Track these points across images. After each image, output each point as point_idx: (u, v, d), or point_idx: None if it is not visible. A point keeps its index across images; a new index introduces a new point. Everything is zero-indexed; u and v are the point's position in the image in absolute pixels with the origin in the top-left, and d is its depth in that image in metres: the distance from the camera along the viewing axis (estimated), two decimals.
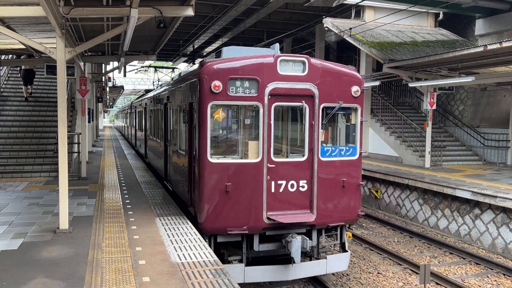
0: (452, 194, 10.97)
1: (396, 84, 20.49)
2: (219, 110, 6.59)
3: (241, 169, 6.65)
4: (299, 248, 6.62)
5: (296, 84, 6.82)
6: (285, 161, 6.87)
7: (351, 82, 7.16)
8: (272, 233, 6.89)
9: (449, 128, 18.03)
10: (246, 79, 6.60)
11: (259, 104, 6.65)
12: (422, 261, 9.16)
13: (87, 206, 8.34)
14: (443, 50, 15.43)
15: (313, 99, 6.92)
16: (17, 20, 7.49)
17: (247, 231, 6.66)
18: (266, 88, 6.67)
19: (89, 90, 12.40)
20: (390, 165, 15.23)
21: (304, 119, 6.94)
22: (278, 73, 6.71)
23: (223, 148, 6.88)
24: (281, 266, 6.90)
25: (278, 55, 6.73)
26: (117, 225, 6.97)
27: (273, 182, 6.76)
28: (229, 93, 6.52)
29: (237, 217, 6.63)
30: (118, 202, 8.64)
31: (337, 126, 7.36)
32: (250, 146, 6.80)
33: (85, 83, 12.04)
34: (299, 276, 7.04)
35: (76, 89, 12.16)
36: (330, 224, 7.17)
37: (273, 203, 6.76)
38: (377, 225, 12.12)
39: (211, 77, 6.47)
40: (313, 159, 6.95)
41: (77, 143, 12.45)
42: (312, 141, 6.96)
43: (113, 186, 10.50)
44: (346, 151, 7.27)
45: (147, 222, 7.14)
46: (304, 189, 6.92)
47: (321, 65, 6.99)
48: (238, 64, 6.61)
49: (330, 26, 16.57)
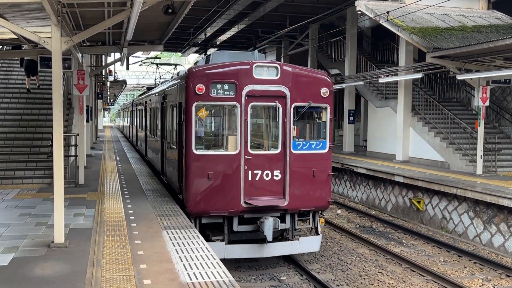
0: (509, 206, 10.85)
1: (441, 76, 20.24)
2: (202, 109, 8.92)
3: (221, 160, 8.99)
4: (270, 228, 8.93)
5: (270, 86, 9.15)
6: (261, 153, 9.25)
7: (320, 84, 9.51)
8: (249, 216, 9.16)
9: (505, 128, 17.82)
10: (225, 82, 8.94)
11: (237, 103, 9.00)
12: (473, 284, 9.12)
13: (85, 217, 8.48)
14: (498, 36, 15.16)
15: (285, 99, 9.23)
16: (8, 6, 7.59)
17: (227, 213, 9.00)
18: (243, 90, 9.01)
19: (88, 85, 12.56)
20: (435, 171, 15.15)
21: (277, 117, 9.26)
22: (253, 77, 9.05)
23: (206, 141, 9.26)
24: (257, 245, 9.25)
25: (253, 62, 9.11)
26: (119, 238, 7.08)
27: (250, 172, 9.06)
28: (211, 95, 8.88)
29: (218, 201, 8.93)
30: (120, 213, 8.77)
31: (309, 123, 9.68)
32: (229, 140, 9.16)
33: (84, 77, 12.22)
34: (273, 254, 9.45)
35: (73, 84, 12.35)
36: (302, 209, 9.49)
37: (250, 189, 9.05)
38: (420, 242, 12.06)
39: (196, 81, 8.82)
40: (285, 151, 9.27)
41: (74, 146, 12.66)
42: (284, 136, 9.26)
43: (114, 195, 10.65)
44: (317, 145, 9.64)
45: (153, 236, 7.24)
46: (277, 178, 9.24)
47: (292, 69, 9.35)
48: (219, 70, 9.03)
49: (364, 10, 16.48)
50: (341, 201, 17.38)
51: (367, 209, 16.03)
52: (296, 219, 9.68)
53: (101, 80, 26.23)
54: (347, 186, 18.43)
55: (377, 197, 16.38)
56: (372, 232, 13.10)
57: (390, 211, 15.45)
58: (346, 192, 18.51)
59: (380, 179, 16.03)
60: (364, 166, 16.81)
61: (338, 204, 16.71)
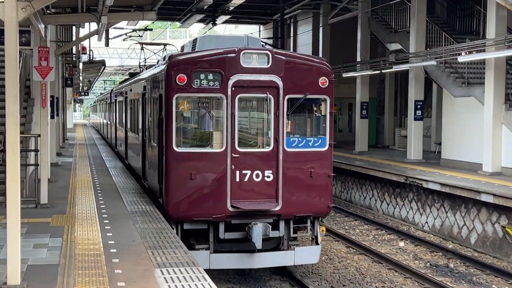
0: None
1: None
2: (184, 102, 10.61)
3: (206, 159, 10.67)
4: (260, 234, 10.44)
5: (260, 76, 10.66)
6: (250, 151, 10.86)
7: (318, 73, 10.99)
8: (237, 221, 10.73)
9: None
10: (210, 72, 10.47)
11: (223, 95, 10.56)
12: None
13: (50, 250, 8.52)
14: None
15: (277, 90, 10.76)
16: None
17: (211, 218, 10.60)
18: (229, 80, 10.53)
19: (53, 67, 12.62)
20: None
21: (269, 110, 10.77)
22: (241, 66, 10.56)
23: (188, 138, 10.97)
24: (246, 254, 10.78)
25: (241, 49, 10.54)
26: (96, 280, 7.07)
27: (238, 172, 10.66)
28: (193, 86, 10.41)
29: (202, 204, 10.53)
30: (97, 244, 8.83)
31: (305, 117, 11.40)
32: (214, 136, 10.78)
33: (47, 57, 12.27)
34: (264, 265, 11.16)
35: (33, 66, 12.43)
36: (297, 214, 11.08)
37: (237, 191, 10.64)
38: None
39: (176, 71, 10.37)
40: (278, 149, 10.80)
41: (35, 151, 12.71)
42: (277, 131, 10.78)
43: (89, 218, 10.74)
44: (315, 142, 11.18)
45: (142, 276, 7.26)
46: (269, 179, 10.81)
47: (286, 57, 10.92)
48: (202, 58, 10.63)
49: None
50: (405, 230, 17.33)
51: (442, 241, 16.02)
52: (291, 226, 11.30)
53: (71, 61, 26.47)
54: (412, 209, 18.32)
55: (455, 224, 16.28)
56: (449, 273, 13.07)
57: (474, 244, 15.45)
58: (411, 217, 18.41)
59: (460, 199, 15.93)
60: (437, 180, 16.75)
61: (400, 234, 16.70)
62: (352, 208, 21.31)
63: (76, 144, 30.85)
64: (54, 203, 12.27)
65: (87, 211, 11.51)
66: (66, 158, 22.53)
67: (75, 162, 20.90)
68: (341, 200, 22.98)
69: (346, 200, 22.95)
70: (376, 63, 24.92)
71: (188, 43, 13.12)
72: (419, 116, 22.01)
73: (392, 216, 19.34)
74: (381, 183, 20.23)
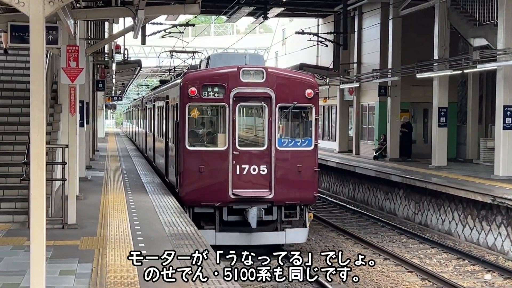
0: None
1: None
2: (195, 109, 15.92)
3: (212, 155, 15.89)
4: (255, 216, 15.27)
5: (256, 88, 15.81)
6: (248, 149, 16.09)
7: (305, 86, 16.16)
8: (238, 206, 15.70)
9: None
10: (215, 85, 15.64)
11: (226, 104, 15.71)
12: None
13: (78, 277, 8.62)
14: None
15: (270, 100, 15.82)
16: None
17: (216, 203, 15.54)
18: (231, 92, 15.64)
19: (83, 68, 12.82)
20: None
21: (263, 116, 15.89)
22: (241, 80, 15.69)
23: (198, 138, 16.45)
24: (245, 234, 15.76)
25: (241, 67, 15.79)
26: None
27: (238, 166, 15.63)
28: (202, 96, 15.67)
29: (209, 192, 15.62)
30: (131, 271, 8.90)
31: (294, 122, 16.72)
32: (219, 137, 16.08)
33: (77, 57, 12.46)
34: (260, 242, 15.72)
35: (61, 67, 12.61)
36: (287, 202, 16.08)
37: (238, 182, 15.65)
38: None
39: (188, 84, 15.63)
40: (271, 148, 15.80)
41: (62, 164, 12.92)
42: (270, 134, 15.79)
43: (122, 241, 10.91)
44: (302, 143, 16.39)
45: None
46: (264, 172, 15.78)
47: (277, 73, 16.56)
48: (209, 74, 16.18)
49: None
50: (492, 260, 17.08)
51: None
52: (283, 211, 16.26)
53: (103, 62, 27.00)
54: (501, 235, 18.04)
55: None
56: None
57: None
58: (499, 245, 18.10)
59: None
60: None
61: (486, 265, 16.53)
62: (428, 233, 21.12)
63: (108, 156, 31.40)
64: (83, 224, 12.42)
65: (120, 233, 11.64)
66: (97, 172, 22.97)
67: (107, 177, 21.30)
68: (415, 224, 22.80)
69: (421, 223, 22.70)
70: (457, 62, 24.59)
71: (204, 59, 19.85)
72: (509, 124, 21.58)
73: (477, 244, 19.05)
74: (463, 204, 19.93)
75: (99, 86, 28.36)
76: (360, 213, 25.26)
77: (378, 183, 26.15)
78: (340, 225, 22.16)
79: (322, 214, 24.65)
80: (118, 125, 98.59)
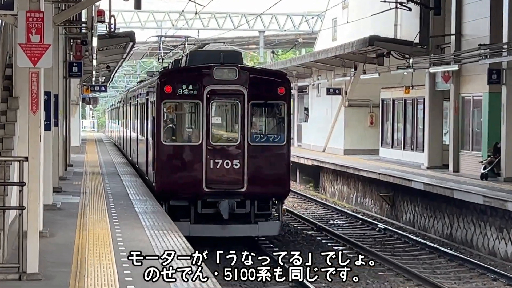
0: None
1: None
2: (170, 106, 25.93)
3: (186, 150, 25.41)
4: (226, 208, 23.32)
5: (229, 86, 24.64)
6: (221, 144, 25.09)
7: (277, 84, 24.70)
8: (212, 200, 24.04)
9: None
10: (190, 83, 24.69)
11: (200, 101, 24.65)
12: None
13: None
14: None
15: (243, 97, 24.30)
16: None
17: (190, 196, 24.57)
18: (205, 90, 24.52)
19: (51, 44, 12.62)
20: None
21: (236, 113, 24.88)
22: (214, 78, 24.52)
23: (173, 134, 27.00)
24: (219, 225, 23.92)
25: (214, 65, 24.55)
26: None
27: (212, 161, 24.05)
28: (177, 93, 24.99)
29: (183, 186, 24.82)
30: None
31: (267, 118, 26.44)
32: (193, 133, 26.29)
33: (41, 28, 12.33)
34: (233, 234, 23.72)
35: (18, 43, 12.50)
36: (260, 195, 24.32)
37: (211, 176, 24.14)
38: None
39: (164, 82, 25.41)
40: (244, 143, 24.10)
41: (19, 185, 12.31)
42: (243, 129, 24.23)
43: None
44: (274, 138, 24.98)
45: None
46: (237, 166, 23.93)
47: (250, 70, 26.64)
48: (184, 73, 26.93)
49: None
50: None
51: None
52: (256, 205, 23.24)
53: (79, 35, 28.63)
54: None
55: None
56: None
57: None
58: None
59: None
60: None
61: None
62: None
63: (87, 172, 32.47)
64: (49, 273, 12.06)
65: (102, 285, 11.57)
66: (70, 196, 23.48)
67: (84, 204, 21.64)
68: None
69: None
70: None
71: (185, 55, 29.37)
72: None
73: None
74: None
75: (74, 70, 29.06)
76: (461, 259, 24.83)
77: (488, 214, 26.08)
78: (430, 277, 21.71)
79: (403, 260, 24.59)
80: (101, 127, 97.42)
